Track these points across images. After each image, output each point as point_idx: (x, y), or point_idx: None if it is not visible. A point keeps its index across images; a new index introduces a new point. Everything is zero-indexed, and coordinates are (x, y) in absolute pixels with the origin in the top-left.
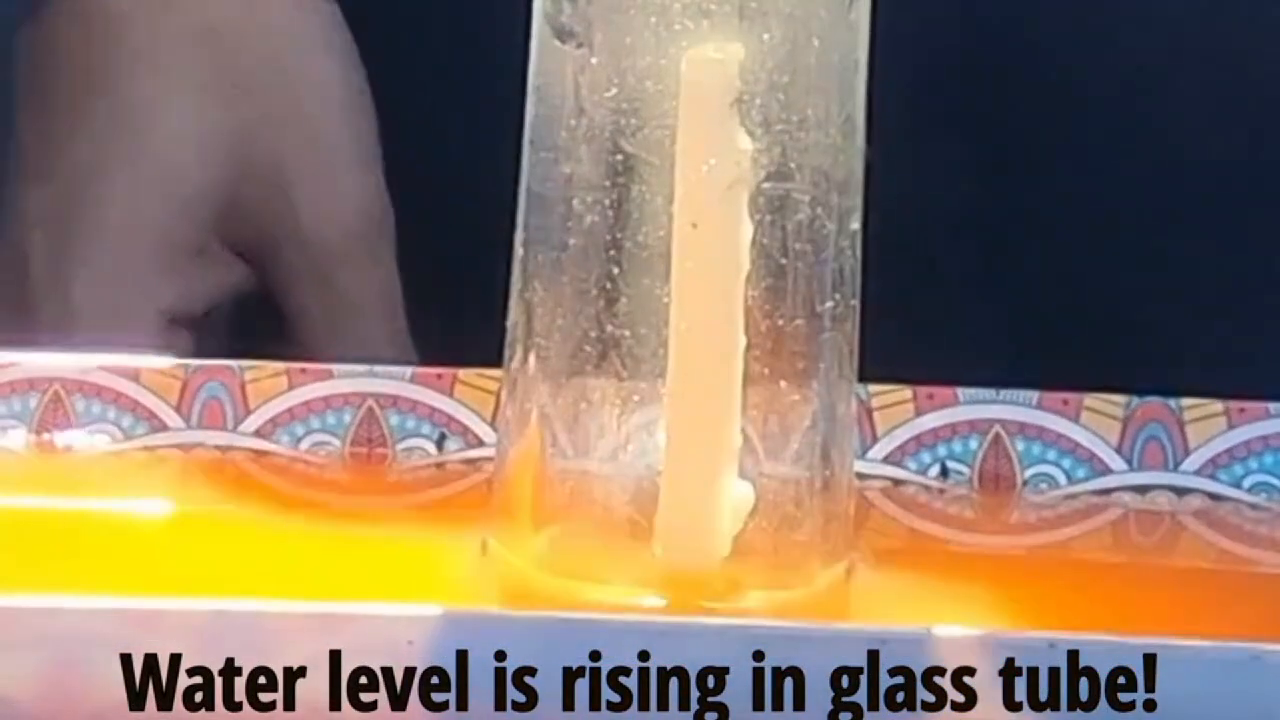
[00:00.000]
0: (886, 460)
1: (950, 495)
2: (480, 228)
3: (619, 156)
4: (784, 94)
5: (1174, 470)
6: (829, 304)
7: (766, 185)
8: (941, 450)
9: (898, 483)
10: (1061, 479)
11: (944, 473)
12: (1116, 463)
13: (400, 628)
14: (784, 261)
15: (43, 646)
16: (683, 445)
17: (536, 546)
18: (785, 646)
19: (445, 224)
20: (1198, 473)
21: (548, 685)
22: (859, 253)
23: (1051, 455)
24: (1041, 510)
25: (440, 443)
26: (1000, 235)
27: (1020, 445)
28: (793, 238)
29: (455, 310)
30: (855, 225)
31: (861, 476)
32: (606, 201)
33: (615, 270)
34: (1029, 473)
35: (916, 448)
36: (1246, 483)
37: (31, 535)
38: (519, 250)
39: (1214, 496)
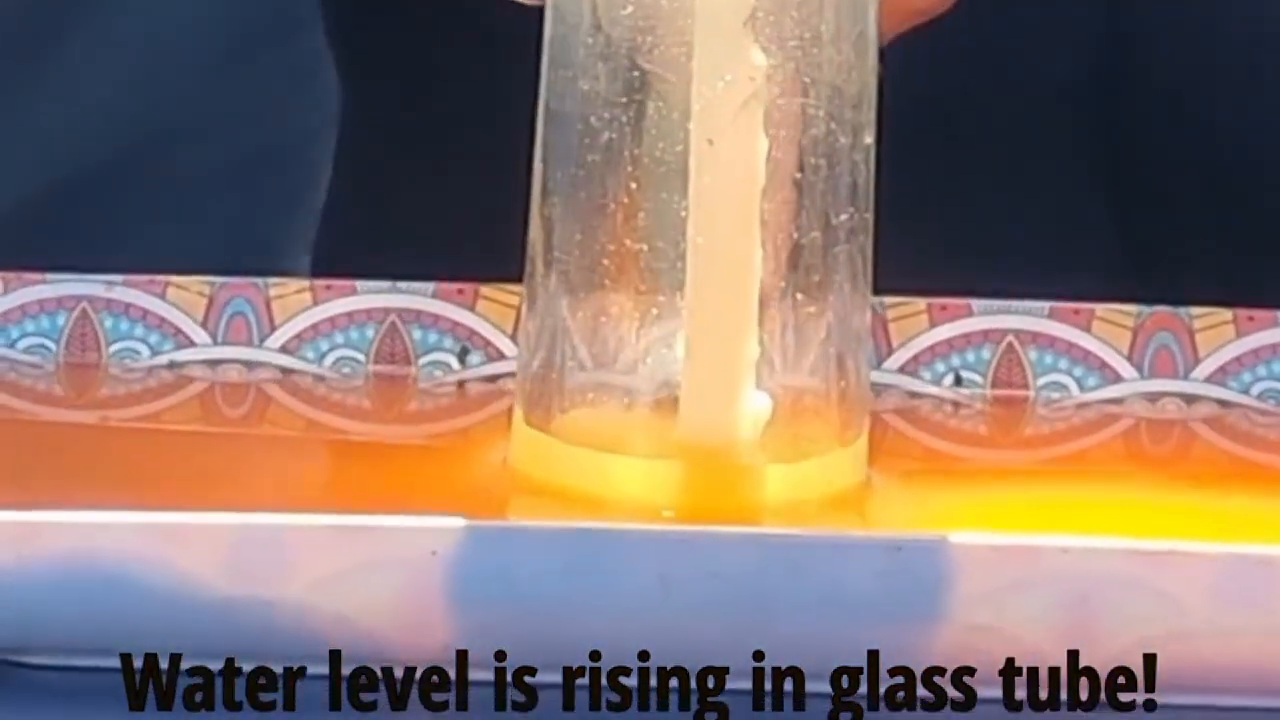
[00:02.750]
0: (901, 371)
1: (964, 411)
2: (500, 145)
3: (636, 74)
4: (797, 10)
5: (1184, 378)
6: (844, 217)
7: (781, 101)
8: (955, 360)
9: (913, 394)
10: (1073, 388)
11: (958, 382)
12: (1127, 371)
13: (424, 539)
14: (799, 176)
15: (74, 560)
16: (701, 357)
17: (557, 458)
18: (803, 555)
19: (466, 142)
20: (1207, 380)
21: (568, 596)
22: (873, 166)
23: (1063, 364)
24: (1054, 422)
25: (462, 357)
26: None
27: (1033, 354)
28: (807, 152)
29: (476, 226)
30: (869, 139)
31: (877, 387)
32: (624, 118)
33: (633, 186)
34: (1041, 382)
35: (931, 358)
36: (1255, 389)
37: (61, 451)
38: (538, 167)
39: (1223, 403)
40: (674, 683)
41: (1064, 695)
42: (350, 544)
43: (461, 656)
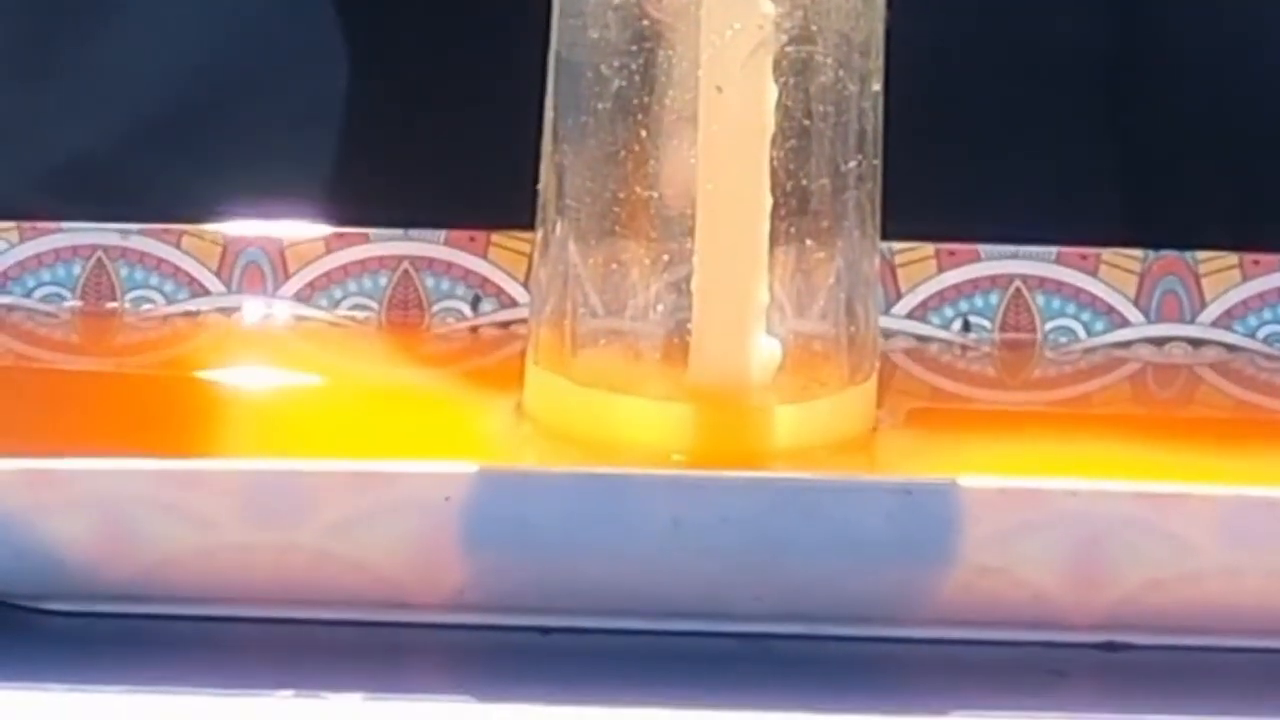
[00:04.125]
0: (910, 316)
1: (973, 353)
2: (511, 93)
3: (645, 22)
4: None
5: (1190, 322)
6: (852, 164)
7: (790, 49)
8: (964, 305)
9: (921, 339)
10: (1081, 332)
11: (966, 327)
12: (1134, 315)
13: (437, 484)
14: (807, 123)
15: (91, 506)
16: (711, 303)
17: (569, 403)
18: (813, 498)
19: (478, 90)
20: (1214, 324)
21: (580, 540)
22: (880, 113)
23: (1071, 309)
24: (1062, 366)
25: (475, 304)
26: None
27: (1040, 299)
28: (816, 100)
29: (488, 174)
30: (877, 87)
31: (886, 332)
32: (633, 66)
33: (643, 134)
34: (1049, 326)
35: (939, 303)
36: (1261, 334)
37: (78, 398)
38: (549, 115)
39: (1229, 347)
40: (685, 626)
41: (1073, 637)
42: (364, 489)
43: (475, 601)
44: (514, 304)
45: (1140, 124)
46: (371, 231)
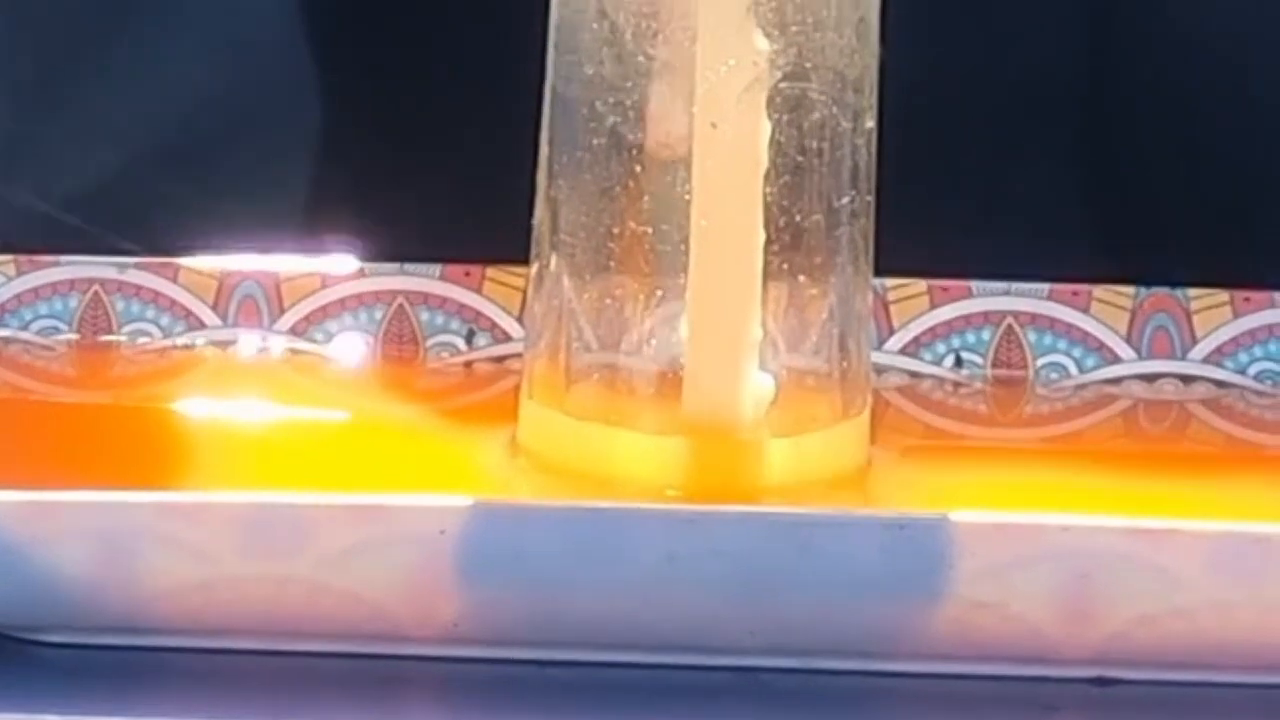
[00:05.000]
0: (903, 352)
1: (965, 389)
2: (507, 129)
3: (640, 58)
4: None
5: (1181, 359)
6: (845, 200)
7: (783, 85)
8: (955, 341)
9: (913, 374)
10: (1072, 368)
11: (958, 363)
12: (1125, 352)
13: (432, 517)
14: (801, 159)
15: (89, 538)
16: (705, 338)
17: (563, 437)
18: (807, 533)
19: (473, 125)
20: (1205, 361)
21: (575, 574)
22: (874, 149)
23: (1062, 345)
24: (1053, 402)
25: (469, 338)
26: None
27: (1032, 336)
28: (809, 136)
29: (483, 209)
30: (870, 123)
31: (878, 368)
32: (628, 102)
33: (637, 169)
34: (1041, 362)
35: (931, 339)
36: (1252, 370)
37: (74, 431)
38: (544, 150)
39: (1220, 384)
40: (679, 660)
41: (1065, 671)
42: (360, 522)
43: (469, 634)
44: (508, 339)
45: (1132, 161)
46: (367, 266)
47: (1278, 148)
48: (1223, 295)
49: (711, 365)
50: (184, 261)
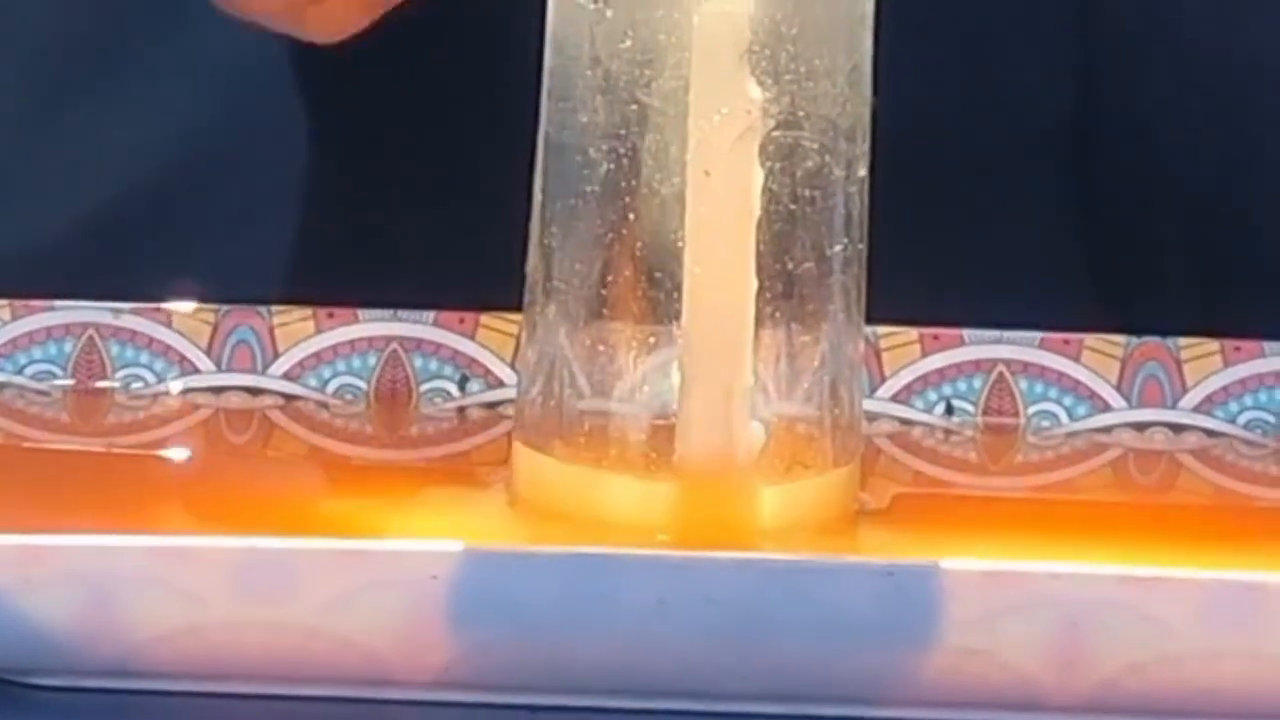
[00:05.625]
0: (894, 399)
1: (956, 438)
2: (501, 175)
3: (634, 106)
4: (793, 45)
5: (1172, 408)
6: (837, 248)
7: (776, 133)
8: (947, 389)
9: (905, 422)
10: (1063, 416)
11: (949, 411)
12: (1116, 400)
13: (425, 563)
14: (793, 207)
15: (81, 582)
16: (697, 385)
17: (555, 483)
18: (798, 579)
19: (468, 172)
20: (1195, 410)
21: (567, 619)
22: (866, 198)
23: (1053, 394)
24: (1044, 451)
25: (463, 384)
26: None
27: (1023, 384)
28: (802, 184)
29: (477, 255)
30: (862, 172)
31: (870, 415)
32: (622, 150)
33: (630, 216)
34: (1031, 410)
35: (923, 387)
36: (1241, 419)
37: (68, 475)
38: (538, 197)
39: (1210, 433)
40: (671, 705)
41: (1055, 718)
42: (352, 567)
43: (461, 679)
44: (501, 384)
45: (1123, 211)
46: (361, 312)
47: (1267, 198)
48: (1213, 344)
49: (704, 412)
50: (178, 307)
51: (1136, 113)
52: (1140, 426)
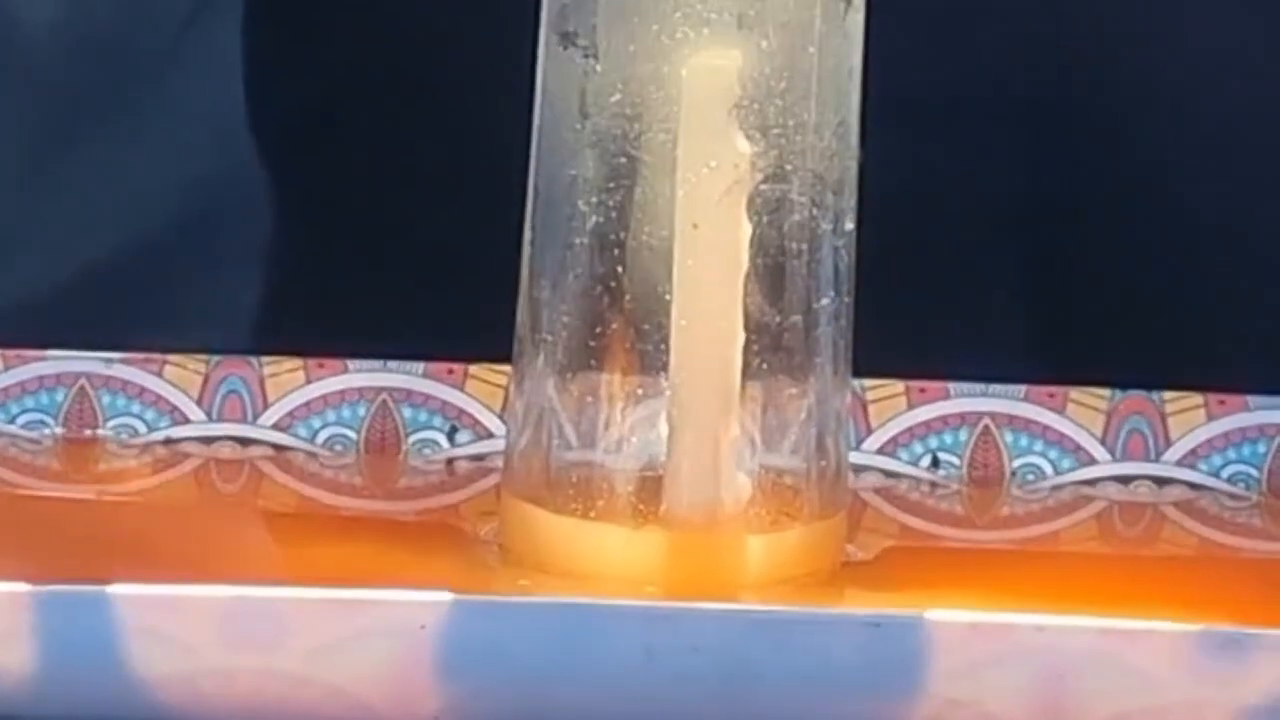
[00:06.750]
0: (880, 452)
1: (941, 490)
2: (490, 228)
3: (623, 159)
4: (781, 99)
5: (1156, 461)
6: (825, 301)
7: (764, 187)
8: (933, 442)
9: (891, 474)
10: (1048, 469)
11: (935, 463)
12: (1100, 453)
13: (413, 612)
14: (781, 260)
15: (69, 630)
16: (685, 436)
17: (543, 533)
18: (784, 630)
19: (457, 224)
20: (1179, 463)
21: (554, 669)
22: (853, 252)
23: (1038, 447)
24: (1029, 504)
25: (451, 435)
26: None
27: (1009, 437)
28: (789, 237)
29: (466, 307)
30: (850, 225)
31: (856, 467)
32: (611, 203)
33: (619, 269)
34: (1017, 463)
35: (909, 439)
36: (1225, 473)
37: (58, 524)
38: (527, 249)
39: (1194, 486)
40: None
41: None
42: (341, 617)
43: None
44: (490, 436)
45: (1108, 264)
46: (351, 362)
47: (1250, 255)
48: (1197, 398)
49: (691, 463)
50: (169, 357)
51: (1121, 172)
52: (1125, 480)
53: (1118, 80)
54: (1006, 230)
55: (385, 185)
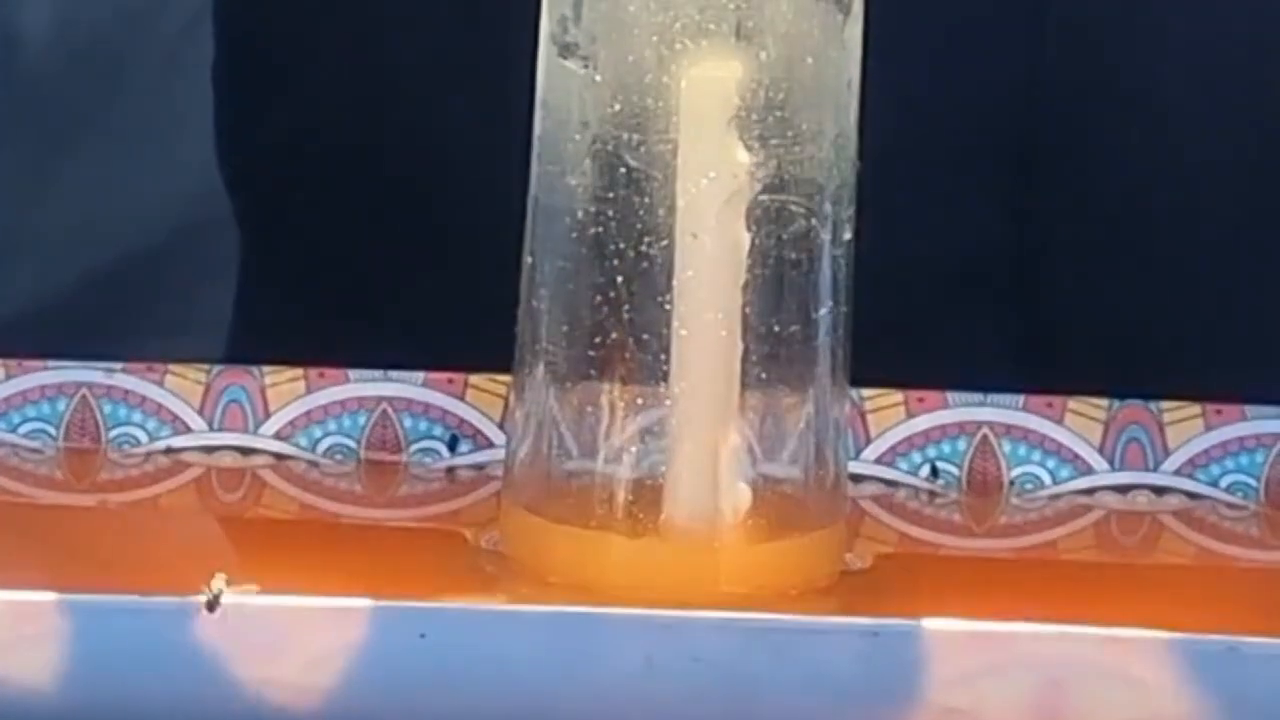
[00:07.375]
0: (879, 461)
1: (940, 499)
2: (491, 239)
3: (622, 170)
4: (780, 110)
5: (1154, 470)
6: (823, 311)
7: (763, 197)
8: (931, 451)
9: (889, 484)
10: (1046, 479)
11: (934, 473)
12: (1099, 463)
13: (413, 622)
14: (780, 270)
15: (65, 639)
16: (684, 446)
17: (543, 542)
18: (783, 639)
19: (458, 235)
20: (1176, 473)
21: (554, 678)
22: (852, 262)
23: (1036, 456)
24: (1027, 513)
25: (452, 445)
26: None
27: (1007, 446)
28: (788, 247)
29: (467, 317)
30: (848, 235)
31: (855, 477)
32: (610, 213)
33: (619, 279)
34: (1015, 473)
35: (908, 449)
36: (1223, 482)
37: (60, 533)
38: (527, 259)
39: (1191, 495)
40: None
41: None
42: (341, 625)
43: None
44: (490, 445)
45: (1106, 275)
46: (351, 372)
47: (1247, 266)
48: (1195, 408)
49: (691, 472)
50: (171, 366)
51: (1119, 183)
52: (1123, 489)
53: (1111, 91)
54: (1005, 239)
55: (386, 196)
